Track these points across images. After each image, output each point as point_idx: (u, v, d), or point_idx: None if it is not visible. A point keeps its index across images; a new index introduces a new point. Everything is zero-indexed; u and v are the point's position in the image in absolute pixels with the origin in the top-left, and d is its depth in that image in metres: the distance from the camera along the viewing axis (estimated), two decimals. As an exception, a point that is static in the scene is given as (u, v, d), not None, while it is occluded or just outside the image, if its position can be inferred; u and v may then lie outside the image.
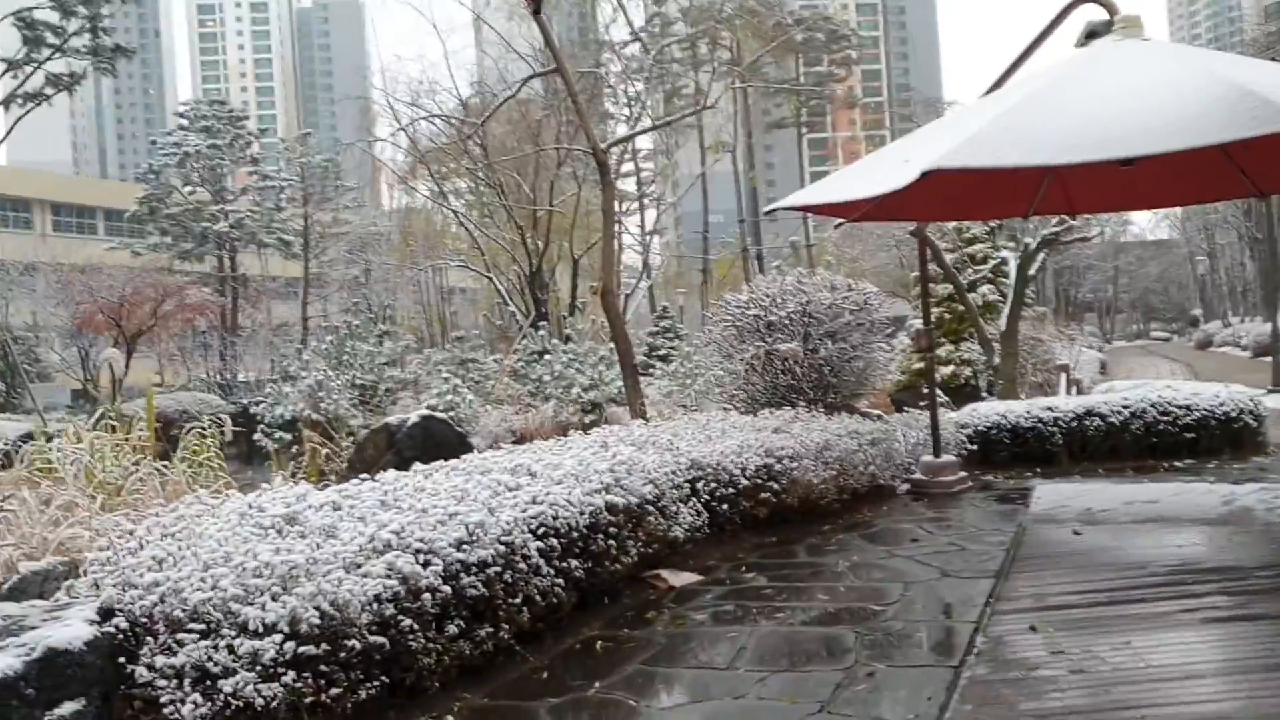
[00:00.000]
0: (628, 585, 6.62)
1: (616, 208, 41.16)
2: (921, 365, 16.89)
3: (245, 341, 42.10)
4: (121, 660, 4.02)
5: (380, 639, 4.44)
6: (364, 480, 6.09)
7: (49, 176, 65.79)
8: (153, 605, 4.17)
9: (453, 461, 6.67)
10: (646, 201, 45.40)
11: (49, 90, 33.80)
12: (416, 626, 4.63)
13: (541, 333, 21.53)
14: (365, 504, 5.29)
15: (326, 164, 46.42)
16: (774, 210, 7.93)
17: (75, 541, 6.42)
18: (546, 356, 21.09)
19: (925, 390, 10.82)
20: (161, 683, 3.95)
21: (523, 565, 5.36)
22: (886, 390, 17.38)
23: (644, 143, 45.33)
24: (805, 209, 9.36)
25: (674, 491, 7.22)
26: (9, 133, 35.42)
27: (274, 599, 4.15)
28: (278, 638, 4.02)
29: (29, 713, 3.62)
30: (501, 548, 5.24)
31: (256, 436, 21.26)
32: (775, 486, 8.22)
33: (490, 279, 27.51)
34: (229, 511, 5.12)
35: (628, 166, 45.93)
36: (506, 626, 5.23)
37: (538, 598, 5.46)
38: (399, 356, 23.64)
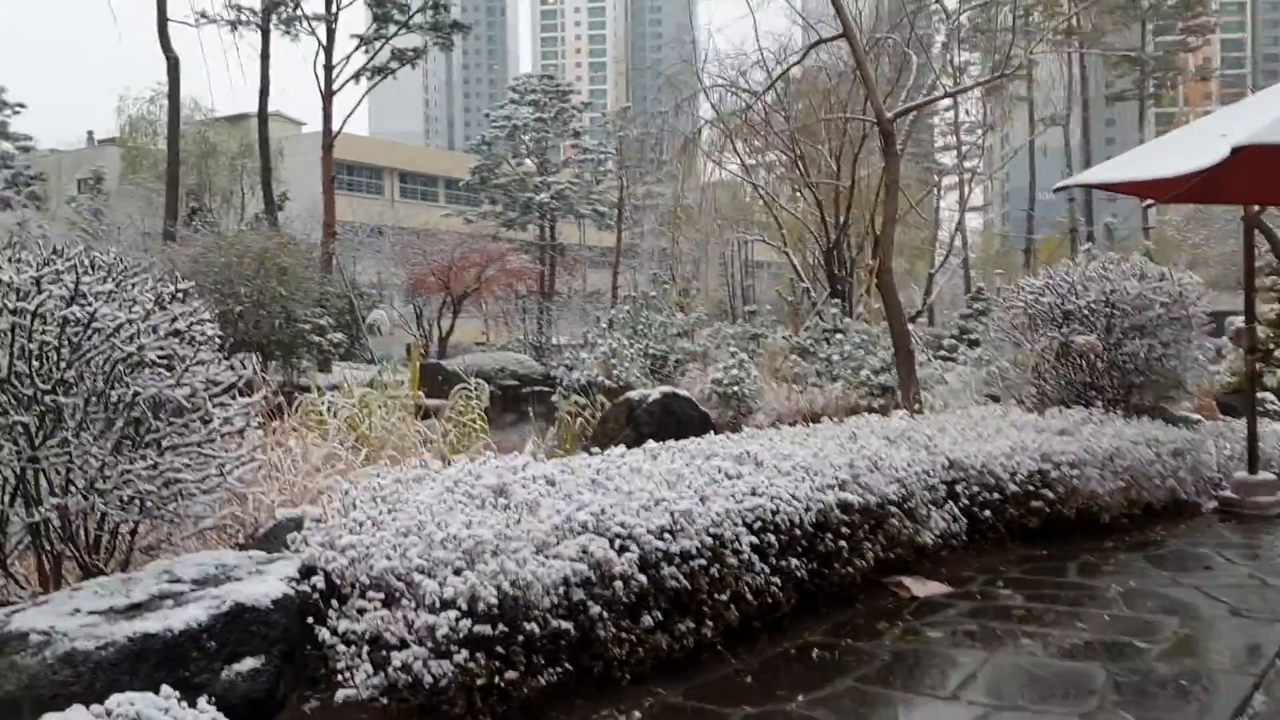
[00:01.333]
0: (864, 590, 6.17)
1: (932, 181, 39.62)
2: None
3: (560, 307, 43.94)
4: (310, 620, 4.08)
5: (566, 624, 4.28)
6: (592, 454, 5.98)
7: (398, 147, 71.30)
8: (344, 568, 4.20)
9: (681, 442, 6.45)
10: (967, 177, 43.30)
11: (394, 65, 36.46)
12: (606, 614, 4.44)
13: (834, 311, 20.94)
14: (577, 480, 5.15)
15: (644, 137, 47.47)
16: (1065, 187, 7.13)
17: (332, 492, 6.73)
18: (838, 335, 20.50)
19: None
20: (341, 648, 3.97)
21: (733, 560, 5.06)
22: (1212, 393, 15.59)
23: (968, 115, 43.16)
24: (1105, 186, 8.40)
25: (925, 493, 6.67)
26: (357, 106, 38.65)
27: (456, 573, 4.07)
28: (453, 614, 3.94)
29: (207, 664, 3.72)
30: (709, 539, 4.96)
31: (554, 399, 22.06)
32: (1050, 495, 7.46)
33: (787, 254, 27.08)
34: (445, 478, 5.13)
35: (948, 139, 44.03)
36: (711, 623, 4.96)
37: (749, 595, 5.15)
38: (690, 328, 23.74)
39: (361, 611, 4.05)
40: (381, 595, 4.11)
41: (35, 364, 5.14)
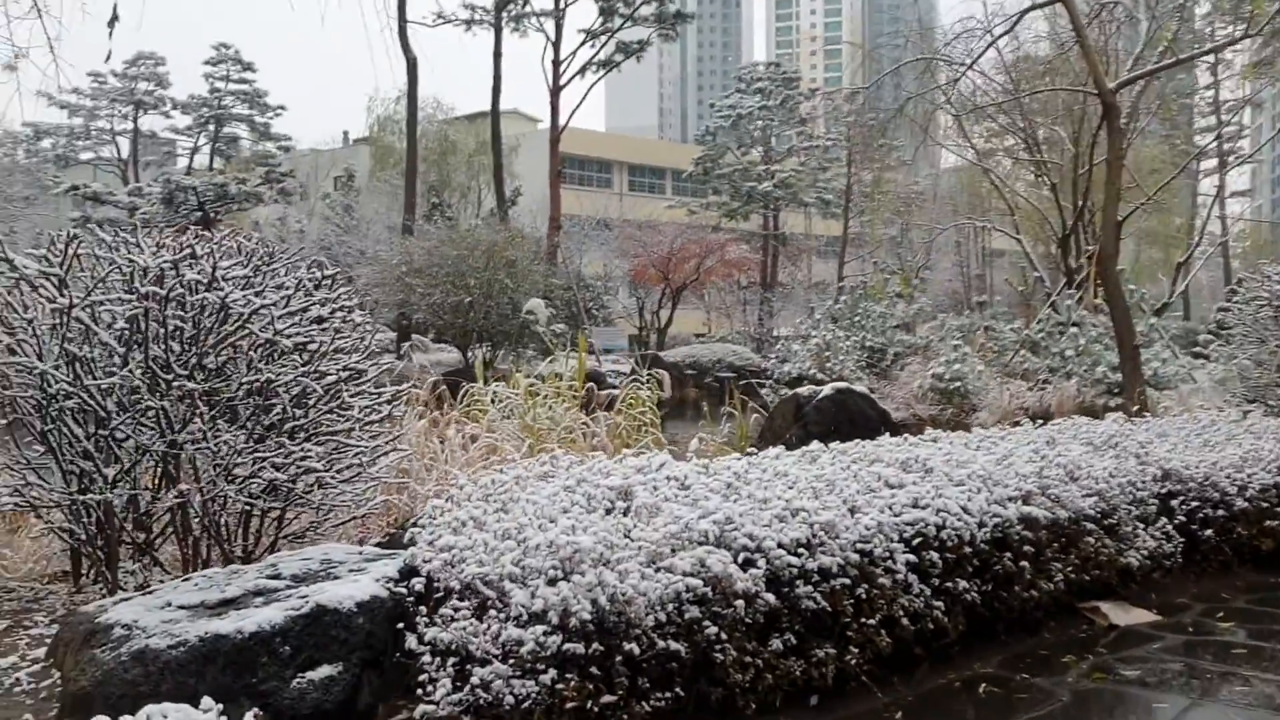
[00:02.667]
0: (1053, 616, 5.42)
1: (1193, 167, 36.42)
2: None
3: (783, 298, 43.24)
4: (400, 626, 3.80)
5: (677, 645, 3.84)
6: (747, 454, 5.51)
7: (627, 140, 72.23)
8: (438, 571, 3.91)
9: (846, 445, 5.85)
10: (1229, 158, 39.75)
11: (619, 58, 36.72)
12: (726, 636, 3.97)
13: (1068, 303, 19.43)
14: (711, 484, 4.69)
15: (875, 122, 46.01)
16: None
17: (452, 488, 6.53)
18: (1072, 329, 19.03)
19: None
20: (426, 659, 3.67)
21: (884, 580, 4.47)
22: None
23: (1229, 93, 39.53)
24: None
25: (1131, 508, 5.83)
26: (582, 101, 39.15)
27: (550, 584, 3.70)
28: (541, 629, 3.58)
29: (278, 670, 3.49)
30: (855, 556, 4.39)
31: (765, 391, 21.56)
32: (1290, 513, 6.42)
33: (1019, 241, 25.44)
34: (570, 476, 4.78)
35: (1209, 120, 40.55)
36: (857, 649, 4.39)
37: (904, 620, 4.54)
38: (911, 320, 22.71)
39: (450, 619, 3.74)
40: (472, 603, 3.79)
41: (172, 350, 5.12)
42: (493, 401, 7.50)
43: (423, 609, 3.82)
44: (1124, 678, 4.71)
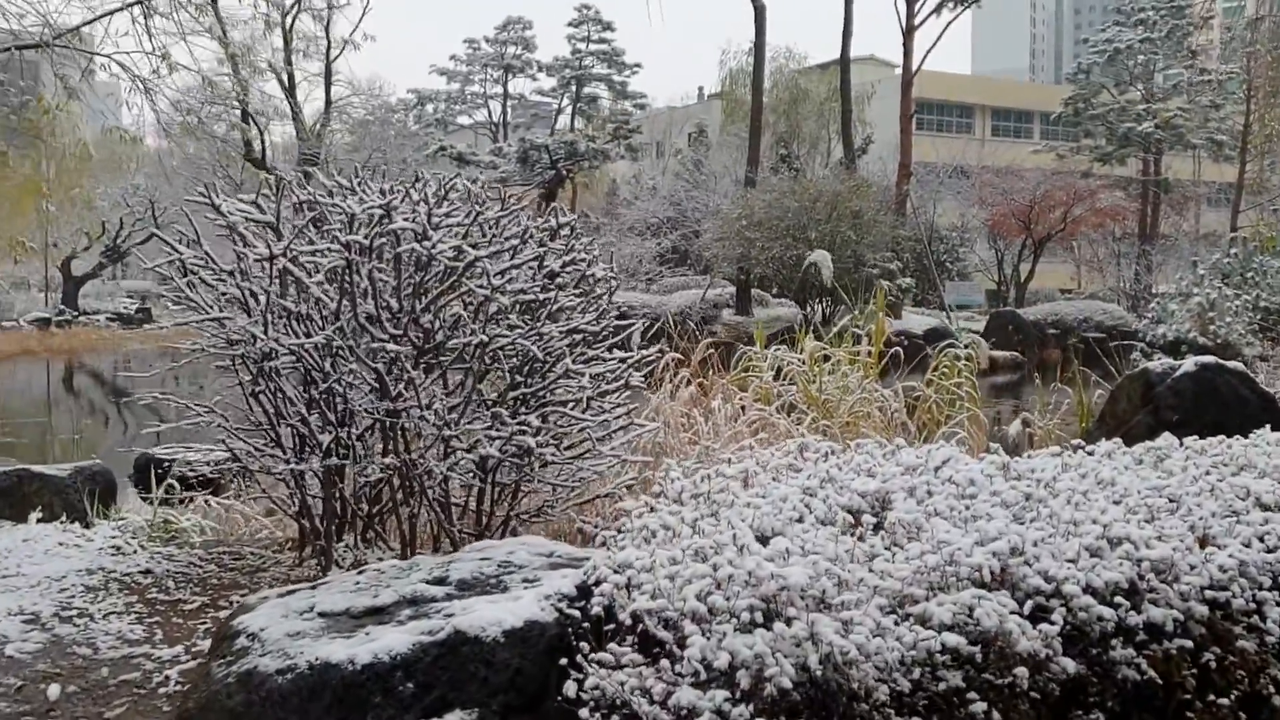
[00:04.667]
0: None
1: None
2: None
3: (1164, 251, 38.84)
4: (564, 662, 2.98)
5: (922, 724, 2.79)
6: (1063, 452, 4.25)
7: (990, 82, 67.71)
8: (613, 595, 3.06)
9: (1209, 441, 4.38)
10: None
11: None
12: (999, 716, 2.85)
13: None
14: (1003, 495, 3.52)
15: (1281, 50, 40.06)
16: None
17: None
18: None
19: None
20: (584, 714, 2.83)
21: (1246, 643, 3.15)
22: None
23: None
24: None
25: None
26: (937, 40, 36.71)
27: (744, 631, 2.76)
28: (722, 695, 2.64)
29: (394, 715, 2.77)
30: (1201, 608, 3.11)
31: (1134, 356, 19.10)
32: None
33: None
34: (815, 473, 3.78)
35: None
36: (1201, 737, 3.12)
37: (1278, 699, 3.20)
38: (1319, 278, 19.23)
39: (616, 664, 2.88)
40: (645, 645, 2.91)
41: (384, 306, 4.59)
42: (774, 368, 6.57)
43: (585, 645, 2.98)
44: None
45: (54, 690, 3.42)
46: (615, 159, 40.39)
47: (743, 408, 6.12)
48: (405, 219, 4.50)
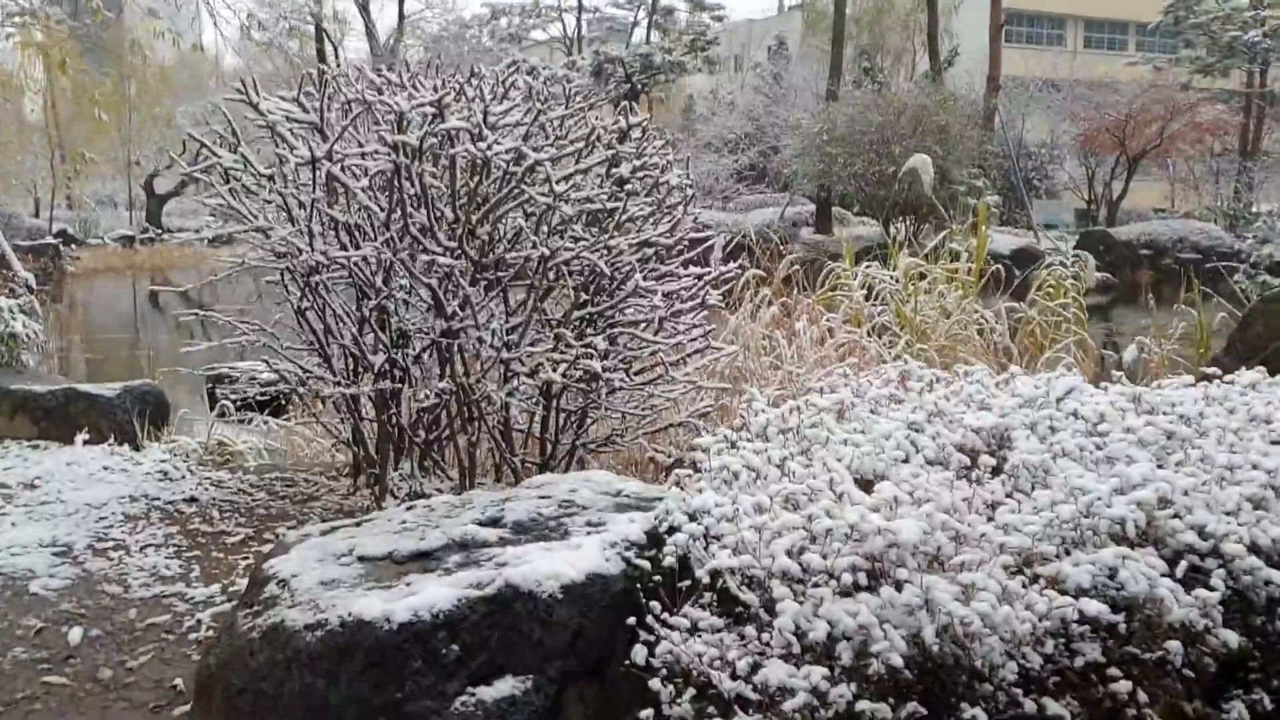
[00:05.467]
0: None
1: None
2: None
3: (1267, 168, 36.91)
4: (631, 621, 2.58)
5: (1057, 708, 2.35)
6: (1209, 379, 3.71)
7: (1086, -10, 64.68)
8: (686, 545, 2.65)
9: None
10: None
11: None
12: (1145, 697, 2.41)
13: None
14: (1141, 432, 3.02)
15: None
16: None
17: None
18: None
19: None
20: (655, 684, 2.44)
21: None
22: None
23: None
24: None
25: None
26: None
27: (844, 595, 2.33)
28: (820, 673, 2.23)
29: (435, 682, 2.41)
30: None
31: (1237, 279, 18.09)
32: None
33: None
34: (922, 405, 3.31)
35: None
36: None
37: None
38: None
39: (692, 628, 2.48)
40: (726, 607, 2.50)
41: (438, 216, 4.18)
42: (864, 287, 6.04)
43: (657, 602, 2.58)
44: None
45: (75, 634, 3.13)
46: (692, 72, 39.35)
47: (830, 330, 5.63)
48: (459, 119, 4.06)
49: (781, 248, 7.15)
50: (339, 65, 31.24)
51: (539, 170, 4.04)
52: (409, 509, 3.38)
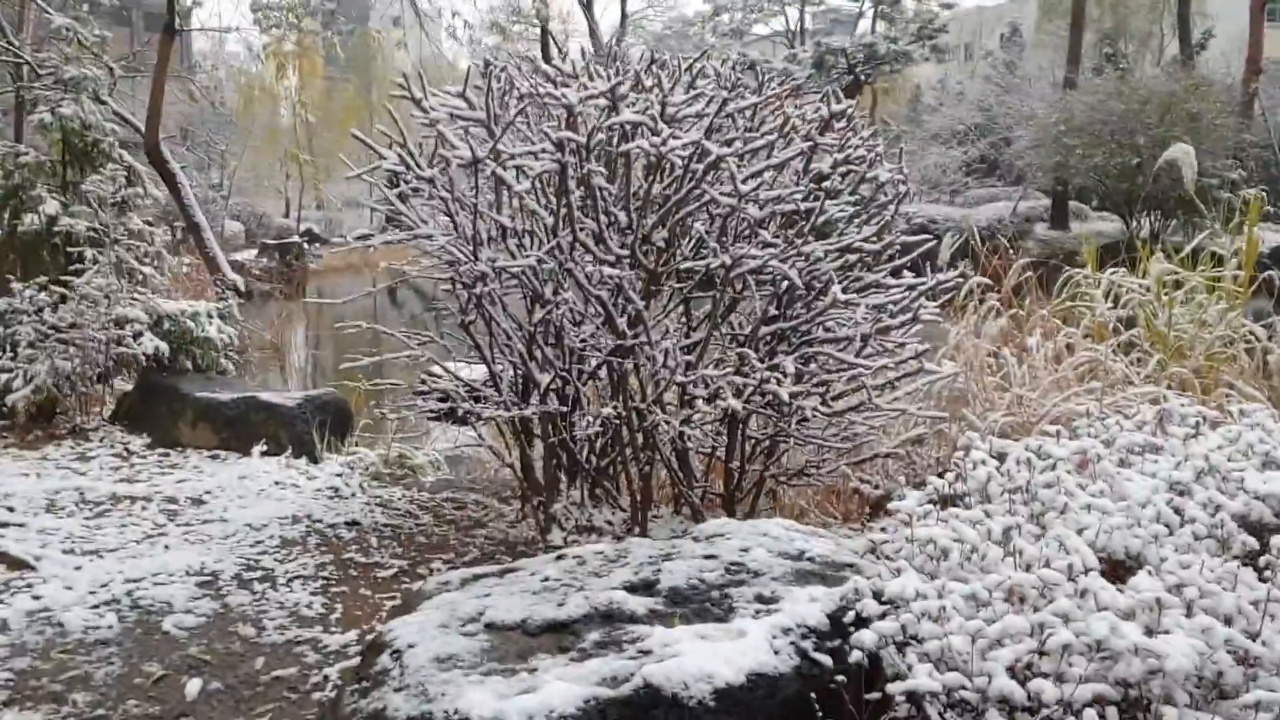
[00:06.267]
0: None
1: None
2: None
3: None
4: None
5: None
6: None
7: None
8: (875, 644, 2.08)
9: None
10: None
11: None
12: None
13: None
14: None
15: None
16: None
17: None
18: None
19: None
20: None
21: None
22: None
23: None
24: None
25: None
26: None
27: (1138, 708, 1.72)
28: None
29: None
30: None
31: None
32: None
33: None
34: (1183, 455, 2.61)
35: None
36: None
37: None
38: None
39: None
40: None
41: (611, 220, 3.73)
42: (1108, 296, 5.23)
43: (849, 713, 2.03)
44: None
45: (194, 686, 2.84)
46: (919, 61, 37.80)
47: (1068, 346, 4.87)
48: (635, 112, 3.60)
49: (1011, 250, 6.34)
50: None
51: (722, 167, 3.53)
52: (559, 558, 2.95)
